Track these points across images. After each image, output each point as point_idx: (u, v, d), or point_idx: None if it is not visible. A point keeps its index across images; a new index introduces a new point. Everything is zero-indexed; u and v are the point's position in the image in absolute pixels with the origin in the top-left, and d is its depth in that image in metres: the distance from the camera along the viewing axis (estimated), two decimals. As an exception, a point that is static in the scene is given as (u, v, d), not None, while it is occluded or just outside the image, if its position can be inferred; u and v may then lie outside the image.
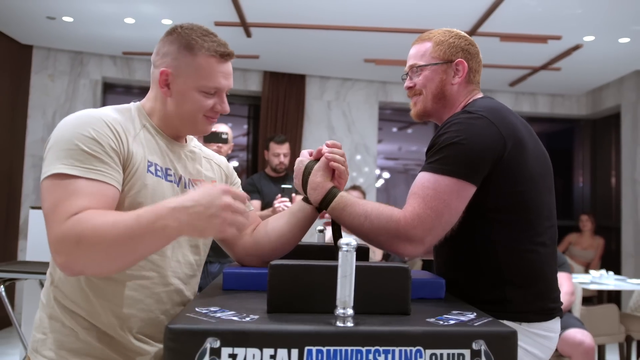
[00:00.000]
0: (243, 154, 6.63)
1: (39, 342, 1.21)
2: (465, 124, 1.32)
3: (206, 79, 1.24)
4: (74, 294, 1.20)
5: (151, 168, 1.22)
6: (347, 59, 5.72)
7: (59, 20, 4.88)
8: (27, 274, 2.81)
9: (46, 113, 5.72)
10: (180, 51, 1.24)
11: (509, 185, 1.32)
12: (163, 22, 4.85)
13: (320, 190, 1.36)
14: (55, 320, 1.20)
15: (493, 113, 1.35)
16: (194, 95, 1.25)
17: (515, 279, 1.33)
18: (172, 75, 1.24)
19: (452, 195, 1.27)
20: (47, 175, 1.10)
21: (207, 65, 1.24)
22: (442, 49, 1.49)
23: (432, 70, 1.49)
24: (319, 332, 0.90)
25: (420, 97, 1.51)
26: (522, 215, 1.34)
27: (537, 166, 1.38)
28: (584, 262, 6.06)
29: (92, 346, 1.19)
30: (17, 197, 5.53)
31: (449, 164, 1.29)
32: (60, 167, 1.09)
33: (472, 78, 1.51)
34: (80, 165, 1.10)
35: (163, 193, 1.23)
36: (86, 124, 1.16)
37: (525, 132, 1.39)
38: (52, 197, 1.08)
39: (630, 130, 5.87)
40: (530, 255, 1.34)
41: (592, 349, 3.34)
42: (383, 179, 9.49)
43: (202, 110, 1.27)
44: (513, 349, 0.94)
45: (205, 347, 0.88)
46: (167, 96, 1.27)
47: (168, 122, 1.30)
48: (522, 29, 4.66)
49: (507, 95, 6.62)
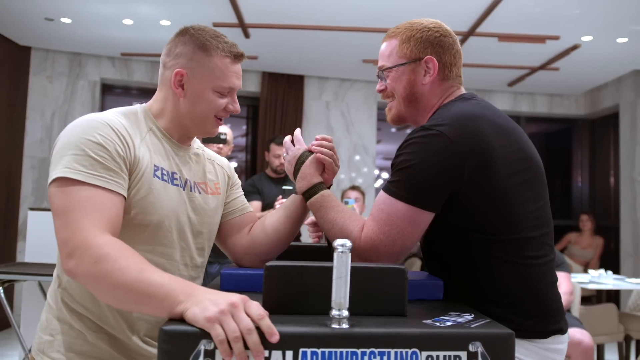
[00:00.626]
0: (242, 154, 6.62)
1: (45, 343, 1.21)
2: (421, 144, 1.21)
3: (221, 78, 1.26)
4: (83, 297, 1.21)
5: (157, 172, 1.23)
6: (345, 59, 5.72)
7: (57, 21, 4.88)
8: (26, 276, 2.80)
9: (45, 114, 5.71)
10: (195, 52, 1.26)
11: (479, 203, 1.22)
12: (161, 23, 4.84)
13: (306, 183, 1.34)
14: (63, 323, 1.21)
15: (457, 125, 1.22)
16: (208, 95, 1.26)
17: (499, 298, 1.24)
18: (187, 76, 1.25)
19: (405, 222, 1.21)
20: (54, 179, 1.11)
21: (222, 65, 1.26)
22: (408, 46, 1.37)
23: (399, 71, 1.38)
24: (313, 334, 0.89)
25: (394, 101, 1.42)
26: (501, 232, 1.23)
27: (515, 174, 1.25)
28: (583, 261, 6.06)
29: (100, 349, 1.20)
30: (15, 199, 5.53)
31: (403, 190, 1.21)
32: (66, 172, 1.10)
33: (447, 74, 1.38)
34: (86, 171, 1.10)
35: (169, 197, 1.24)
36: (92, 128, 1.16)
37: (497, 137, 1.24)
38: (61, 202, 1.09)
39: (629, 129, 5.87)
40: (514, 273, 1.24)
41: (591, 348, 3.34)
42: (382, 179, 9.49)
43: (215, 109, 1.28)
44: (510, 351, 0.94)
45: (199, 349, 0.87)
46: (180, 97, 1.27)
47: (177, 123, 1.30)
48: (521, 29, 4.66)
49: (505, 96, 6.62)
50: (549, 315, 1.28)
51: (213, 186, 1.40)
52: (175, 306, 0.93)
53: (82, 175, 1.10)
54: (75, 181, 1.09)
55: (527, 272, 1.26)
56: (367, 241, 1.22)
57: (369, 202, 6.13)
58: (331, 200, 1.31)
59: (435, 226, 1.26)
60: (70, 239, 1.04)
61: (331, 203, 1.31)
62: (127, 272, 0.99)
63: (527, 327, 1.24)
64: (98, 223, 1.06)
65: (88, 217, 1.06)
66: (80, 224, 1.05)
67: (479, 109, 1.31)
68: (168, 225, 1.24)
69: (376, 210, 1.25)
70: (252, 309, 0.89)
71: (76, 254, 1.03)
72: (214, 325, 0.86)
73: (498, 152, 1.23)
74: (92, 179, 1.10)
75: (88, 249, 1.02)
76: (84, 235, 1.04)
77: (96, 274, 1.01)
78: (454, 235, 1.27)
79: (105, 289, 1.01)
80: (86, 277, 1.02)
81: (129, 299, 1.00)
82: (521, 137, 1.33)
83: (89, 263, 1.01)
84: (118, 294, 1.00)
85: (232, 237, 1.43)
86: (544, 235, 1.30)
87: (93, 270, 1.01)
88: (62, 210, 1.08)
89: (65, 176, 1.09)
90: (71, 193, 1.08)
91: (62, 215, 1.07)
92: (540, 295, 1.28)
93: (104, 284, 1.00)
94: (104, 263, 1.00)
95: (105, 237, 1.05)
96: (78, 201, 1.07)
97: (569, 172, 7.10)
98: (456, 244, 1.28)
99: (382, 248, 1.22)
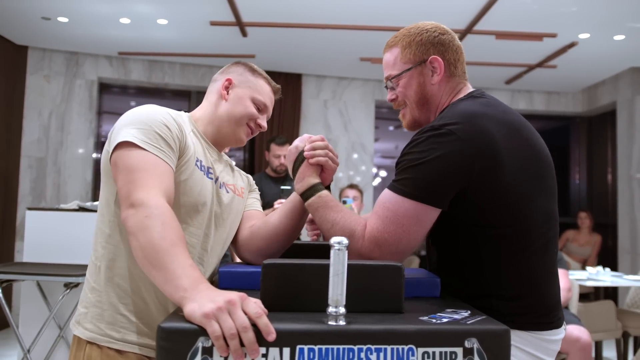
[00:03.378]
0: (240, 153, 6.63)
1: (81, 315, 1.32)
2: (429, 142, 1.22)
3: (261, 94, 1.50)
4: (119, 266, 1.30)
5: (197, 163, 1.37)
6: (343, 57, 5.72)
7: (54, 20, 4.88)
8: (24, 275, 2.80)
9: (42, 114, 5.71)
10: (245, 71, 1.52)
11: (488, 200, 1.23)
12: (159, 22, 4.84)
13: (304, 184, 1.35)
14: (97, 295, 1.31)
15: (466, 122, 1.23)
16: (247, 101, 1.47)
17: (501, 291, 1.25)
18: (233, 84, 1.49)
19: (411, 220, 1.21)
20: (122, 142, 1.22)
21: (263, 86, 1.52)
22: (410, 51, 1.39)
23: (407, 76, 1.40)
24: (310, 331, 0.90)
25: (406, 108, 1.44)
26: (509, 227, 1.25)
27: (524, 171, 1.26)
28: (581, 258, 6.07)
29: (128, 320, 1.29)
30: (13, 198, 5.52)
31: (410, 187, 1.21)
32: (135, 139, 1.22)
33: (453, 71, 1.40)
34: (151, 143, 1.24)
35: (204, 187, 1.36)
36: (157, 113, 1.31)
37: (506, 135, 1.26)
38: (129, 161, 1.21)
39: (626, 127, 5.88)
40: (520, 268, 1.26)
41: (589, 345, 3.35)
42: (380, 177, 9.50)
43: (249, 116, 1.47)
44: (506, 347, 0.94)
45: (197, 346, 0.88)
46: (223, 99, 1.48)
47: (215, 126, 1.47)
48: (518, 27, 4.67)
49: (503, 93, 6.63)
50: (548, 309, 1.30)
51: (239, 189, 1.54)
52: (177, 294, 0.99)
53: (148, 145, 1.23)
54: (139, 147, 1.22)
55: (532, 267, 1.28)
56: (372, 240, 1.22)
57: (367, 200, 6.14)
58: (329, 200, 1.31)
59: (441, 221, 1.26)
60: (134, 193, 1.15)
61: (329, 203, 1.31)
62: (163, 239, 1.07)
63: (525, 319, 1.26)
64: (159, 186, 1.18)
65: (152, 179, 1.18)
66: (145, 183, 1.17)
67: (487, 106, 1.31)
68: (197, 208, 1.35)
69: (381, 209, 1.24)
70: (250, 307, 0.90)
71: (136, 205, 1.13)
72: (211, 321, 0.88)
73: (507, 149, 1.24)
74: (156, 150, 1.24)
75: (146, 204, 1.13)
76: (146, 192, 1.15)
77: (141, 226, 1.10)
78: (460, 230, 1.28)
79: (140, 241, 1.09)
80: (133, 225, 1.11)
81: (149, 263, 1.06)
82: (531, 133, 1.34)
83: (142, 215, 1.11)
84: (146, 252, 1.07)
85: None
86: (549, 230, 1.32)
87: (141, 222, 1.10)
88: (128, 168, 1.20)
89: (134, 142, 1.22)
90: (138, 156, 1.21)
91: (128, 173, 1.19)
92: (542, 289, 1.30)
93: (142, 237, 1.09)
94: (151, 220, 1.10)
95: (163, 201, 1.15)
96: (144, 164, 1.20)
97: (567, 169, 7.12)
98: (462, 239, 1.29)
99: (387, 247, 1.21)
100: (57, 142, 5.74)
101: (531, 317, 1.27)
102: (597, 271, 4.45)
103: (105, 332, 1.27)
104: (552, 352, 1.30)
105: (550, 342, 1.30)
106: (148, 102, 1.40)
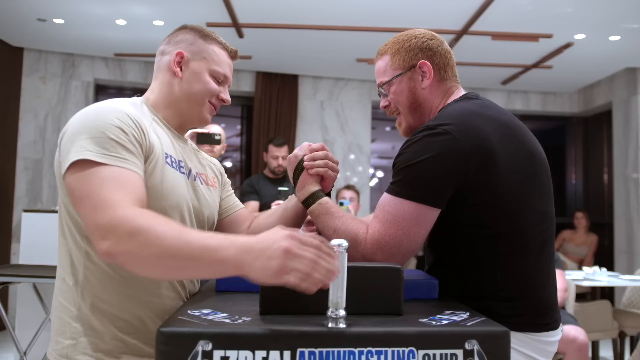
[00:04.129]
0: (237, 154, 6.62)
1: (68, 347, 1.17)
2: (424, 142, 1.23)
3: (218, 64, 1.34)
4: (103, 290, 1.18)
5: (168, 159, 1.24)
6: (339, 58, 5.72)
7: (50, 22, 4.86)
8: (20, 277, 2.80)
9: (38, 115, 5.69)
10: (195, 39, 1.34)
11: (483, 200, 1.24)
12: (155, 23, 4.83)
13: (305, 192, 1.36)
14: (84, 323, 1.17)
15: (460, 122, 1.24)
16: (205, 76, 1.32)
17: (498, 292, 1.26)
18: (186, 58, 1.32)
19: (411, 222, 1.21)
20: (73, 162, 1.06)
21: (220, 54, 1.35)
22: (400, 57, 1.41)
23: (398, 82, 1.41)
24: (311, 334, 0.90)
25: (401, 116, 1.45)
26: (505, 228, 1.25)
27: (519, 171, 1.27)
28: (578, 258, 6.09)
29: (125, 343, 1.17)
30: (9, 200, 5.50)
31: (407, 187, 1.22)
32: (87, 154, 1.06)
33: (443, 75, 1.41)
34: (108, 153, 1.08)
35: (179, 184, 1.25)
36: (110, 112, 1.15)
37: (501, 135, 1.27)
38: (83, 186, 1.04)
39: (622, 127, 5.90)
40: (516, 269, 1.26)
41: (586, 345, 3.35)
42: (377, 178, 9.51)
43: (210, 93, 1.33)
44: (506, 349, 0.94)
45: (197, 349, 0.87)
46: (178, 77, 1.32)
47: (175, 109, 1.33)
48: (514, 28, 4.68)
49: (499, 94, 6.64)
50: (545, 310, 1.31)
51: (211, 179, 1.44)
52: (228, 272, 0.94)
53: (104, 157, 1.07)
54: (96, 163, 1.05)
55: (528, 267, 1.28)
56: (374, 244, 1.23)
57: (364, 201, 6.14)
58: (330, 207, 1.33)
59: (437, 223, 1.27)
60: (100, 221, 0.99)
61: (330, 210, 1.32)
62: (166, 239, 0.95)
63: (522, 320, 1.26)
64: (126, 198, 1.02)
65: (115, 195, 1.02)
66: (108, 203, 1.00)
67: (482, 107, 1.33)
68: (177, 212, 1.24)
69: (381, 212, 1.25)
70: (306, 241, 0.91)
71: (109, 233, 0.97)
72: (283, 277, 0.89)
73: (502, 149, 1.25)
74: (115, 160, 1.07)
75: (120, 224, 0.97)
76: (113, 212, 0.99)
77: (135, 248, 0.96)
78: (456, 231, 1.28)
79: (148, 261, 0.97)
80: (125, 255, 0.97)
81: (175, 267, 0.96)
82: (525, 134, 1.35)
83: (125, 239, 0.96)
84: (162, 263, 0.96)
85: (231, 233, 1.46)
86: (545, 230, 1.32)
87: (131, 245, 0.96)
88: (86, 194, 1.03)
89: (85, 158, 1.05)
90: (93, 175, 1.04)
91: (87, 199, 1.03)
92: (538, 290, 1.30)
93: (145, 256, 0.96)
94: (140, 235, 0.95)
95: (135, 209, 1.00)
96: (102, 181, 1.03)
97: (563, 169, 7.13)
98: (459, 240, 1.29)
99: (389, 250, 1.22)
100: (54, 144, 5.72)
101: (528, 319, 1.27)
102: (593, 271, 4.46)
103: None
104: (548, 353, 1.31)
105: (547, 343, 1.30)
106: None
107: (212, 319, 0.96)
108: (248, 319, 0.96)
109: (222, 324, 0.92)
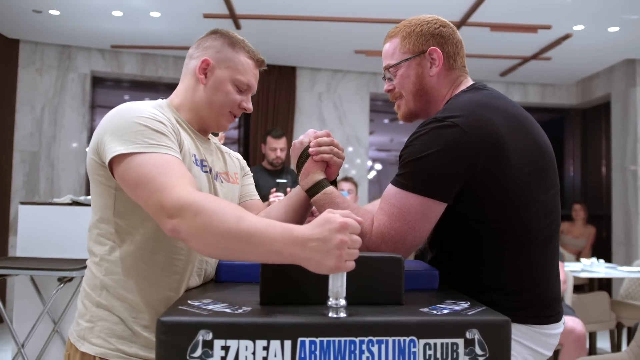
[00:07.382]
0: (234, 146, 6.60)
1: (85, 330, 1.24)
2: (432, 135, 1.20)
3: (242, 74, 1.35)
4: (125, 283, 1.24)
5: (193, 158, 1.29)
6: (337, 50, 5.70)
7: (46, 13, 4.83)
8: (18, 270, 2.79)
9: (35, 108, 5.66)
10: (224, 46, 1.35)
11: (491, 194, 1.22)
12: (151, 14, 4.80)
13: (309, 180, 1.35)
14: (103, 309, 1.24)
15: (469, 114, 1.21)
16: (227, 86, 1.34)
17: (502, 286, 1.25)
18: (211, 65, 1.33)
19: (417, 216, 1.20)
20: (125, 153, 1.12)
21: (246, 64, 1.36)
22: (410, 41, 1.37)
23: (405, 67, 1.38)
24: (311, 324, 0.90)
25: (401, 99, 1.42)
26: (512, 221, 1.24)
27: (527, 164, 1.25)
28: (576, 250, 6.10)
29: (138, 335, 1.23)
30: (6, 193, 5.49)
31: (414, 181, 1.20)
32: (135, 147, 1.13)
33: (452, 64, 1.39)
34: (154, 142, 1.14)
35: (202, 184, 1.29)
36: (143, 109, 1.20)
37: (510, 127, 1.25)
38: (141, 172, 1.10)
39: (620, 119, 5.90)
40: (521, 262, 1.25)
41: (584, 336, 3.37)
42: (375, 170, 9.51)
43: (231, 104, 1.35)
44: (507, 338, 0.94)
45: (198, 339, 0.87)
46: (201, 83, 1.34)
47: (196, 113, 1.35)
48: (512, 19, 4.66)
49: (497, 86, 6.63)
50: (548, 303, 1.30)
51: (233, 176, 1.47)
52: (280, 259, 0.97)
53: (151, 147, 1.13)
54: (145, 153, 1.12)
55: (533, 261, 1.27)
56: (379, 237, 1.22)
57: (362, 193, 6.14)
58: (335, 197, 1.32)
59: (442, 215, 1.25)
60: (165, 201, 1.06)
61: (335, 200, 1.31)
62: (227, 221, 1.00)
63: (525, 313, 1.25)
64: (186, 182, 1.09)
65: (175, 179, 1.09)
66: (171, 185, 1.07)
67: (491, 99, 1.30)
68: None
69: (386, 204, 1.23)
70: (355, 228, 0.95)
71: (176, 212, 1.04)
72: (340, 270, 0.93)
73: (510, 142, 1.23)
74: (161, 148, 1.14)
75: (186, 204, 1.04)
76: (178, 194, 1.05)
77: (199, 227, 1.02)
78: (462, 224, 1.27)
79: (209, 240, 1.02)
80: (190, 232, 1.03)
81: (233, 249, 1.01)
82: (533, 126, 1.33)
83: (190, 217, 1.02)
84: (222, 244, 1.01)
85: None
86: (551, 224, 1.31)
87: (195, 223, 1.02)
88: (145, 179, 1.09)
89: (134, 151, 1.12)
90: (147, 162, 1.11)
91: (147, 184, 1.09)
92: (543, 284, 1.30)
93: (207, 235, 1.02)
94: (203, 215, 1.02)
95: (198, 193, 1.07)
96: (159, 167, 1.10)
97: (561, 161, 7.14)
98: (464, 233, 1.28)
99: (393, 244, 1.21)
100: (50, 136, 5.70)
101: (531, 311, 1.26)
102: (591, 263, 4.47)
103: (116, 347, 1.22)
104: (550, 345, 1.30)
105: (550, 336, 1.29)
106: (142, 96, 1.38)
107: (213, 309, 0.95)
108: (248, 309, 0.96)
109: (222, 314, 0.92)
